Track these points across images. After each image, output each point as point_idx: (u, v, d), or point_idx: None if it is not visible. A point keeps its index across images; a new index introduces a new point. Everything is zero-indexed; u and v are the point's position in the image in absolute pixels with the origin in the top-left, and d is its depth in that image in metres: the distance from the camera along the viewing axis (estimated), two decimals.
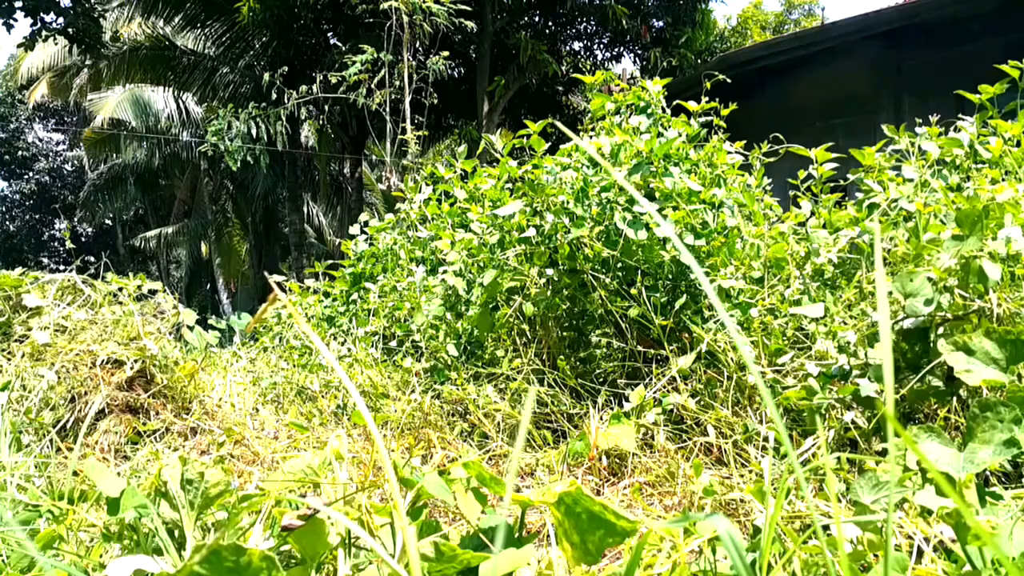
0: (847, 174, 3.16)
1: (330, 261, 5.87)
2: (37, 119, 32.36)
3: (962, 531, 1.03)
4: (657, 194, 2.86)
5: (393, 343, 3.81)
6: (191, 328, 3.31)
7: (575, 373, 2.76)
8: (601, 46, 17.09)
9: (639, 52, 16.77)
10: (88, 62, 17.41)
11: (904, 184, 2.73)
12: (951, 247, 1.82)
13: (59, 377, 2.64)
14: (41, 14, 11.83)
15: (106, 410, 2.64)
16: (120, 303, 3.05)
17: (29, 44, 12.18)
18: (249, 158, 11.72)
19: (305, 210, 21.43)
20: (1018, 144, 2.83)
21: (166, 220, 25.88)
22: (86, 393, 2.64)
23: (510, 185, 3.84)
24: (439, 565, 0.99)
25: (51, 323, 2.79)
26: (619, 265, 2.88)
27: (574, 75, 9.81)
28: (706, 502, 1.73)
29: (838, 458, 1.73)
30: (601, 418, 2.40)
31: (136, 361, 2.75)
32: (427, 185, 4.80)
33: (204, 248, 25.42)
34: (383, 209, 16.13)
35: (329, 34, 15.40)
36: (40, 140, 33.58)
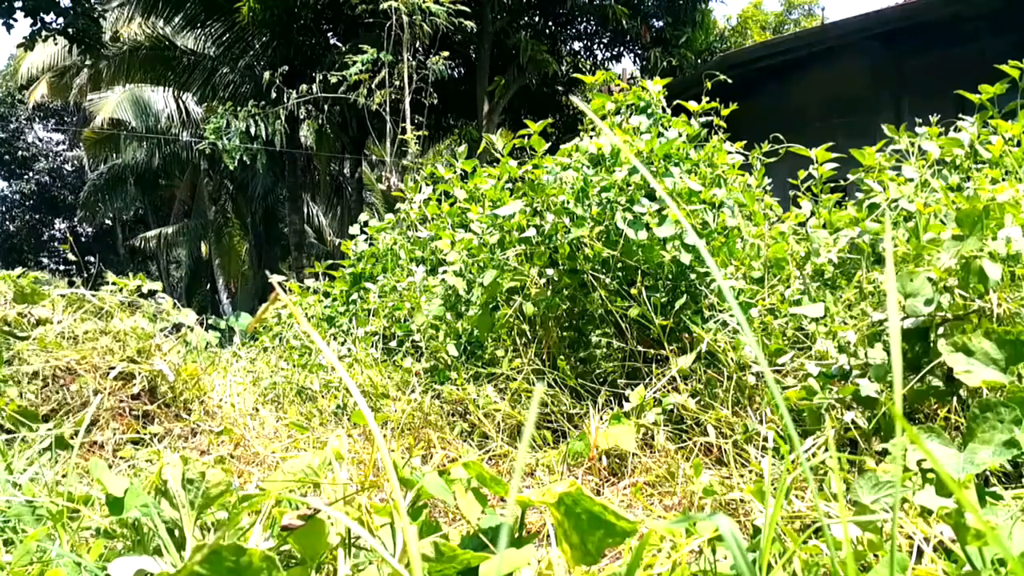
0: (847, 174, 3.16)
1: (330, 261, 5.87)
2: (37, 119, 32.37)
3: (962, 531, 1.03)
4: (657, 194, 2.86)
5: (393, 343, 3.81)
6: (191, 328, 3.32)
7: (575, 373, 2.76)
8: (601, 46, 17.09)
9: (639, 52, 16.77)
10: (88, 62, 17.41)
11: (904, 184, 2.72)
12: (951, 247, 1.82)
13: (62, 382, 2.63)
14: (41, 14, 11.84)
15: (105, 415, 2.63)
16: (132, 310, 3.06)
17: (29, 44, 12.19)
18: (247, 158, 11.72)
19: (305, 210, 21.42)
20: (1018, 144, 2.82)
21: (166, 220, 25.87)
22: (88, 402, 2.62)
23: (510, 185, 3.84)
24: (439, 565, 0.99)
25: (57, 333, 2.79)
26: (619, 265, 2.88)
27: (574, 75, 9.82)
28: (706, 502, 1.73)
29: (838, 458, 1.73)
30: (601, 418, 2.40)
31: (144, 377, 2.75)
32: (427, 185, 4.80)
33: (204, 248, 25.40)
34: (383, 209, 16.11)
35: (329, 34, 15.40)
36: (40, 140, 33.59)
